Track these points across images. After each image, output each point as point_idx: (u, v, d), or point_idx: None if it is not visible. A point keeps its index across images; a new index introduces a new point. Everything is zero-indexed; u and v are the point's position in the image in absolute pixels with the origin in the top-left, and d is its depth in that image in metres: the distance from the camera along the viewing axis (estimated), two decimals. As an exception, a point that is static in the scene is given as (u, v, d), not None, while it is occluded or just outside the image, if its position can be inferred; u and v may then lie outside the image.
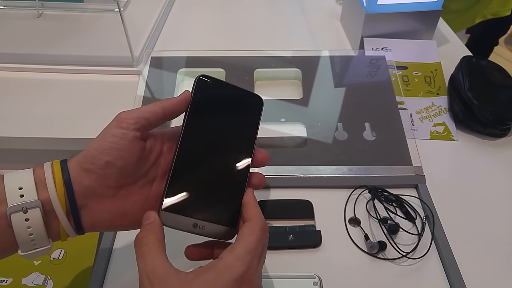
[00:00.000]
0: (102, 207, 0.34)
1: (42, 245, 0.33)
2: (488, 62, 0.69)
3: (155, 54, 0.70)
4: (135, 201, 0.36)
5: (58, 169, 0.33)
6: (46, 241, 0.33)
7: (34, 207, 0.32)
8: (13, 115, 0.63)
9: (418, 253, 0.48)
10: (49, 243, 0.34)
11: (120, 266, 0.46)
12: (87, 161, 0.34)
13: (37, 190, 0.32)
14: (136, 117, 0.35)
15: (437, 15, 0.75)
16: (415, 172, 0.55)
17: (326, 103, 0.64)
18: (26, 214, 0.32)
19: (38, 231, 0.32)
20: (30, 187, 0.32)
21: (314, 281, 0.44)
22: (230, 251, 0.32)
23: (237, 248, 0.32)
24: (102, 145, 0.34)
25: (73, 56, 0.70)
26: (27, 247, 0.33)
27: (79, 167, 0.34)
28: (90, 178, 0.34)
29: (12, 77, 0.70)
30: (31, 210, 0.32)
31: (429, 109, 0.66)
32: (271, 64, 0.69)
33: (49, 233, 0.33)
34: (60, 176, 0.33)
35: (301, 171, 0.55)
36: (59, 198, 0.33)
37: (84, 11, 0.79)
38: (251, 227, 0.33)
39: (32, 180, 0.33)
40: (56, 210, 0.33)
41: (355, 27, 0.77)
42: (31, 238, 0.32)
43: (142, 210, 0.36)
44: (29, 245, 0.33)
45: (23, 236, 0.32)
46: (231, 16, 0.88)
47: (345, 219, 0.51)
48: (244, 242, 0.32)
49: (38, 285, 0.45)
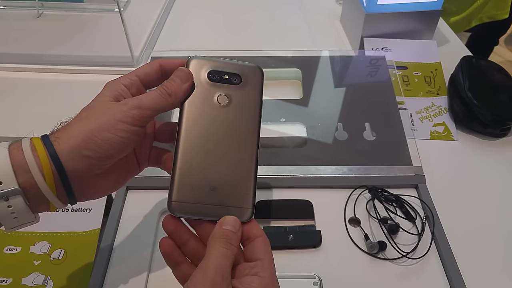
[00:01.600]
0: (95, 181, 0.34)
1: (27, 220, 0.33)
2: (488, 62, 0.69)
3: (155, 54, 0.70)
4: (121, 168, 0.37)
5: (41, 149, 0.31)
6: (32, 217, 0.33)
7: (15, 194, 0.30)
8: (13, 115, 0.63)
9: (418, 253, 0.48)
10: (35, 218, 0.33)
11: (120, 266, 0.46)
12: (89, 148, 0.32)
13: (16, 175, 0.30)
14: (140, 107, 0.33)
15: (437, 15, 0.75)
16: (415, 172, 0.55)
17: (326, 103, 0.64)
18: (7, 202, 0.30)
19: (22, 212, 0.31)
20: (7, 172, 0.30)
21: (314, 281, 0.44)
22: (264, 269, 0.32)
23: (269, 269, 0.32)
24: (111, 138, 0.32)
25: (73, 56, 0.70)
26: (11, 225, 0.32)
27: (76, 153, 0.32)
28: (85, 164, 0.32)
29: (12, 77, 0.70)
30: (12, 198, 0.30)
31: (429, 109, 0.66)
32: (271, 64, 0.69)
33: (36, 209, 0.33)
34: (46, 159, 0.31)
35: (301, 171, 0.55)
36: (48, 183, 0.31)
37: (84, 11, 0.79)
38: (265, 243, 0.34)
39: (9, 164, 0.30)
40: (47, 195, 0.31)
41: (355, 27, 0.77)
42: (14, 216, 0.32)
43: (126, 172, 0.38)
44: (13, 223, 0.32)
45: (6, 217, 0.31)
46: (231, 16, 0.88)
47: (345, 219, 0.51)
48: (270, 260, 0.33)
49: (38, 285, 0.45)
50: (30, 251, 0.48)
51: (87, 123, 0.33)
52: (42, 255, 0.47)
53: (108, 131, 0.32)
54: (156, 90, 0.35)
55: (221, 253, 0.31)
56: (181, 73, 0.36)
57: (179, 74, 0.36)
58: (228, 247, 0.31)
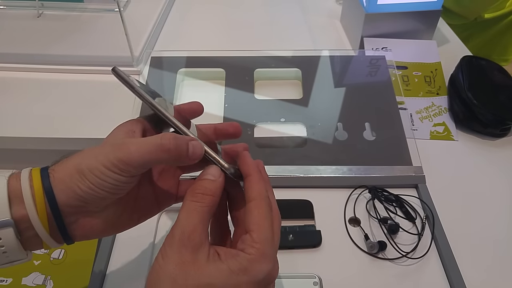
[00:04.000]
0: (94, 219, 0.31)
1: (18, 258, 0.30)
2: (488, 62, 0.69)
3: (155, 54, 0.70)
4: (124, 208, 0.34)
5: (38, 182, 0.29)
6: (23, 254, 0.30)
7: (6, 226, 0.28)
8: (13, 115, 0.63)
9: (418, 253, 0.48)
10: (26, 255, 0.30)
11: (120, 266, 0.46)
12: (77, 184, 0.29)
13: (10, 206, 0.28)
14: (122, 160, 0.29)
15: (437, 15, 0.75)
16: (415, 172, 0.55)
17: (326, 103, 0.64)
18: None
19: (12, 248, 0.29)
20: (2, 202, 0.28)
21: (314, 281, 0.44)
22: (252, 244, 0.29)
23: (259, 243, 0.29)
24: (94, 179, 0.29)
25: (73, 56, 0.70)
26: (1, 261, 0.30)
27: (67, 187, 0.29)
28: (77, 199, 0.30)
29: (12, 77, 0.70)
30: (3, 230, 0.28)
31: (429, 109, 0.66)
32: (271, 64, 0.69)
33: (28, 246, 0.30)
34: (40, 192, 0.28)
35: (301, 171, 0.55)
36: (40, 217, 0.29)
37: (84, 11, 0.79)
38: (259, 211, 0.31)
39: (5, 194, 0.28)
40: (37, 229, 0.29)
41: (355, 27, 0.77)
42: (6, 255, 0.29)
43: (134, 208, 0.34)
44: (3, 259, 0.30)
45: None
46: (231, 16, 0.88)
47: (345, 219, 0.51)
48: (261, 232, 0.30)
49: (38, 285, 0.45)
50: (30, 251, 0.48)
51: (81, 157, 0.30)
52: (42, 255, 0.48)
53: (92, 172, 0.29)
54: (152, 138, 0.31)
55: (189, 208, 0.30)
56: None
57: None
58: (198, 199, 0.30)
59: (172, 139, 0.30)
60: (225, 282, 0.28)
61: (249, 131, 0.59)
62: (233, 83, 0.65)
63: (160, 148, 0.30)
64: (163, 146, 0.30)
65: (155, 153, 0.30)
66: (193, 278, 0.28)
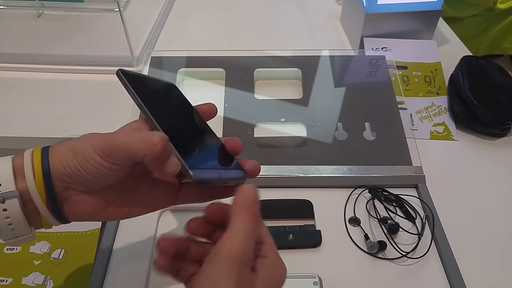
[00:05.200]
0: (84, 199, 0.33)
1: (23, 233, 0.32)
2: (488, 62, 0.69)
3: (155, 54, 0.70)
4: (118, 194, 0.35)
5: (38, 158, 0.32)
6: (28, 229, 0.32)
7: (12, 197, 0.31)
8: (13, 115, 0.63)
9: (418, 253, 0.48)
10: (30, 231, 0.33)
11: (120, 266, 0.46)
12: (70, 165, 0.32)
13: (15, 179, 0.31)
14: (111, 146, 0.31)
15: (437, 15, 0.75)
16: (415, 172, 0.55)
17: (326, 103, 0.64)
18: (3, 204, 0.31)
19: (17, 221, 0.31)
20: (7, 176, 0.31)
21: (314, 281, 0.44)
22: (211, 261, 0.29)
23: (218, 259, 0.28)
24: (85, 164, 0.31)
25: (73, 56, 0.70)
26: (7, 236, 0.32)
27: (62, 164, 0.32)
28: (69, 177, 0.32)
29: (12, 77, 0.70)
30: (9, 200, 0.31)
31: (429, 109, 0.66)
32: (271, 64, 0.69)
33: (31, 221, 0.32)
34: (39, 166, 0.31)
35: (301, 171, 0.55)
36: (38, 189, 0.31)
37: (84, 11, 0.79)
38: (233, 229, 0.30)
39: (10, 169, 0.31)
40: (35, 201, 0.31)
41: (355, 27, 0.77)
42: (11, 228, 0.32)
43: (125, 202, 0.35)
44: (10, 234, 0.32)
45: (1, 225, 0.31)
46: (231, 16, 0.88)
47: (345, 219, 0.51)
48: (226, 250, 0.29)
49: (38, 285, 0.45)
50: (30, 251, 0.48)
51: (79, 139, 0.33)
52: (42, 254, 0.48)
53: (81, 153, 0.31)
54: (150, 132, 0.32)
55: (247, 228, 0.30)
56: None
57: None
58: (255, 221, 0.30)
59: (163, 139, 0.30)
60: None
61: (249, 131, 0.59)
62: (233, 83, 0.65)
63: (147, 142, 0.30)
64: (151, 141, 0.30)
65: (140, 146, 0.30)
66: None
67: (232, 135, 0.39)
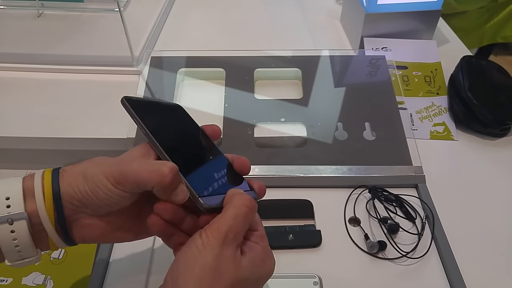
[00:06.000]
0: (93, 223, 0.33)
1: (29, 255, 0.32)
2: (488, 62, 0.69)
3: (155, 54, 0.70)
4: (127, 217, 0.35)
5: (48, 179, 0.32)
6: (34, 251, 0.32)
7: (20, 219, 0.30)
8: (13, 115, 0.63)
9: (418, 253, 0.48)
10: (36, 253, 0.33)
11: (120, 265, 0.46)
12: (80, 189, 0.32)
13: (24, 201, 0.31)
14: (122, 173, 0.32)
15: (437, 15, 0.75)
16: (415, 172, 0.55)
17: (326, 103, 0.64)
18: (11, 226, 0.30)
19: (25, 243, 0.31)
20: (17, 197, 0.31)
21: (314, 281, 0.44)
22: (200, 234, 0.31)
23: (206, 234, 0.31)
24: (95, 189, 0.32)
25: (73, 56, 0.70)
26: (13, 258, 0.32)
27: (72, 188, 0.32)
28: (79, 201, 0.32)
29: (12, 77, 0.70)
30: (17, 222, 0.30)
31: (429, 109, 0.66)
32: (271, 64, 0.69)
33: (38, 243, 0.32)
34: (49, 188, 0.31)
35: (301, 171, 0.55)
36: (48, 211, 0.31)
37: (84, 11, 0.79)
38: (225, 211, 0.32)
39: (20, 190, 0.31)
40: (44, 224, 0.31)
41: (355, 27, 0.77)
42: (17, 250, 0.31)
43: (134, 225, 0.35)
44: (15, 255, 0.32)
45: (8, 247, 0.31)
46: (231, 16, 0.88)
47: (345, 219, 0.51)
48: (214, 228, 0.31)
49: (38, 285, 0.45)
50: (30, 251, 0.48)
51: (90, 163, 0.33)
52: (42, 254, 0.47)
53: (92, 178, 0.32)
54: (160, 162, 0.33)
55: (239, 211, 0.32)
56: None
57: None
58: (251, 208, 0.32)
59: (173, 170, 0.31)
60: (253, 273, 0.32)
61: (249, 131, 0.59)
62: (233, 83, 0.65)
63: (157, 172, 0.31)
64: (160, 172, 0.31)
65: (151, 176, 0.31)
66: (231, 273, 0.30)
67: (232, 135, 0.39)
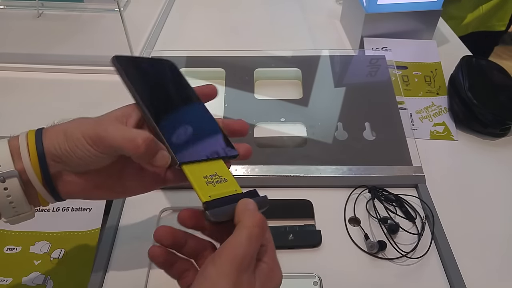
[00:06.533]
0: (76, 178, 0.35)
1: (24, 210, 0.34)
2: (488, 62, 0.69)
3: (155, 54, 0.70)
4: (110, 174, 0.36)
5: (32, 139, 0.33)
6: (28, 207, 0.34)
7: (12, 176, 0.32)
8: (13, 114, 0.63)
9: (418, 253, 0.48)
10: (30, 209, 0.34)
11: (120, 266, 0.46)
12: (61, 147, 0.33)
13: (13, 160, 0.32)
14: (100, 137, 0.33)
15: (437, 15, 0.75)
16: (415, 171, 0.55)
17: (326, 103, 0.64)
18: (4, 184, 0.32)
19: (18, 198, 0.33)
20: (6, 157, 0.32)
21: (314, 281, 0.44)
22: (213, 263, 0.29)
23: (221, 262, 0.29)
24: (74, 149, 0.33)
25: (73, 56, 0.70)
26: (9, 214, 0.34)
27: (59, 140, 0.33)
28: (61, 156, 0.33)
29: (12, 77, 0.70)
30: (9, 180, 0.32)
31: (429, 109, 0.66)
32: (271, 64, 0.69)
33: (30, 200, 0.34)
34: (34, 146, 0.33)
35: (301, 171, 0.55)
36: (34, 169, 0.33)
37: (84, 11, 0.79)
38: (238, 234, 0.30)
39: (8, 150, 0.33)
40: (32, 180, 0.33)
41: (355, 27, 0.77)
42: (12, 206, 0.33)
43: (117, 182, 0.36)
44: (11, 211, 0.33)
45: (3, 204, 0.33)
46: (231, 16, 0.88)
47: (345, 219, 0.51)
48: (229, 254, 0.29)
49: (38, 285, 0.45)
50: (30, 251, 0.48)
51: (71, 123, 0.35)
52: (42, 254, 0.48)
53: (71, 137, 0.33)
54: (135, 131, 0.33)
55: (252, 234, 0.30)
56: None
57: None
58: (261, 228, 0.31)
59: (147, 141, 0.32)
60: None
61: (249, 131, 0.59)
62: (233, 83, 0.65)
63: (131, 142, 0.32)
64: (135, 142, 0.32)
65: (125, 144, 0.32)
66: None
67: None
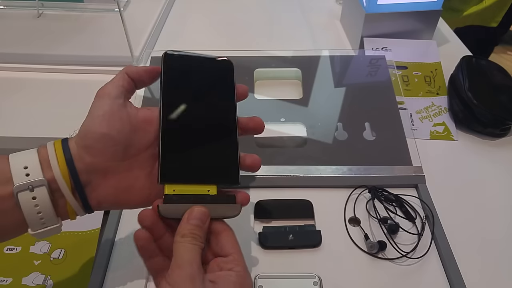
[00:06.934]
0: (106, 182, 0.35)
1: (52, 223, 0.34)
2: (488, 62, 0.69)
3: (155, 54, 0.70)
4: (138, 175, 0.36)
5: (59, 148, 0.34)
6: (56, 219, 0.34)
7: (40, 185, 0.32)
8: (13, 115, 0.63)
9: (418, 253, 0.48)
10: (58, 221, 0.34)
11: (121, 266, 0.46)
12: (83, 138, 0.34)
13: (42, 168, 0.33)
14: (114, 87, 0.37)
15: (437, 15, 0.75)
16: (415, 172, 0.55)
17: (326, 103, 0.64)
18: (33, 193, 0.32)
19: (46, 210, 0.33)
20: (35, 166, 0.33)
21: (314, 281, 0.44)
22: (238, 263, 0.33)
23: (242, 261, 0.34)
24: (93, 120, 0.35)
25: (73, 56, 0.70)
26: (36, 226, 0.33)
27: (78, 146, 0.34)
28: (90, 154, 0.34)
29: (12, 77, 0.70)
30: (38, 189, 0.32)
31: (429, 109, 0.66)
32: (271, 64, 0.69)
33: (58, 211, 0.34)
34: (62, 155, 0.33)
35: (301, 171, 0.55)
36: (63, 176, 0.33)
37: (84, 11, 0.79)
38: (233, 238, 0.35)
39: (37, 159, 0.33)
40: (62, 188, 0.33)
41: (355, 27, 0.77)
42: (40, 217, 0.33)
43: (146, 184, 0.36)
44: (38, 223, 0.33)
45: (31, 214, 0.32)
46: (231, 16, 0.88)
47: (345, 219, 0.51)
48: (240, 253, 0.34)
49: (38, 285, 0.45)
50: (30, 251, 0.48)
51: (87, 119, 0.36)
52: (42, 254, 0.48)
53: (89, 117, 0.35)
54: None
55: (189, 248, 0.32)
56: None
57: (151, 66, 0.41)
58: (195, 243, 0.33)
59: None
60: None
61: (249, 131, 0.59)
62: (233, 83, 0.65)
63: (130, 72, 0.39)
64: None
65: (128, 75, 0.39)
66: None
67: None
